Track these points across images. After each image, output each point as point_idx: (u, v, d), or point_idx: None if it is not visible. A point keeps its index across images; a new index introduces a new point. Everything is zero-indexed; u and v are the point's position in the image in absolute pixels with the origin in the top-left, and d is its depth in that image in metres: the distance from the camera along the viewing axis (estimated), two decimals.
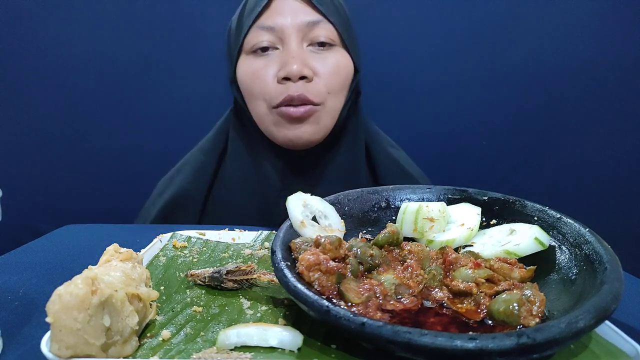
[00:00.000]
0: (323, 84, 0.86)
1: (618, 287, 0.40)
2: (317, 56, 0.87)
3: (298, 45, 0.85)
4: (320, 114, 0.87)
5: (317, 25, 0.86)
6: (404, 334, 0.34)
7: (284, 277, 0.43)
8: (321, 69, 0.86)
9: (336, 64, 0.88)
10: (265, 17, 0.86)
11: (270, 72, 0.85)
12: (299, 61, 0.83)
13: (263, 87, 0.86)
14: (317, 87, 0.86)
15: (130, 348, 0.40)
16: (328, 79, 0.87)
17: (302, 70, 0.83)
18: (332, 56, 0.88)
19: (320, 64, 0.86)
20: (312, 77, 0.85)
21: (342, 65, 0.89)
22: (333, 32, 0.87)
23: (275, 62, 0.86)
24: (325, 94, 0.87)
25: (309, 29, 0.86)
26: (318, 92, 0.86)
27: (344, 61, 0.89)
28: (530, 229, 0.52)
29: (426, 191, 0.63)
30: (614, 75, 1.29)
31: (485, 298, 0.44)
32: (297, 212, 0.54)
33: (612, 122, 1.32)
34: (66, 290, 0.36)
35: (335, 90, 0.88)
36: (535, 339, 0.33)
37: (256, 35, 0.86)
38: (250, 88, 0.88)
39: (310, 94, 0.85)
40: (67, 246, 0.70)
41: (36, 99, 1.32)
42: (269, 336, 0.40)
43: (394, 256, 0.51)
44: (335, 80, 0.88)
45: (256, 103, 0.89)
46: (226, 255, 0.63)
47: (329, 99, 0.88)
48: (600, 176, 1.35)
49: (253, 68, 0.87)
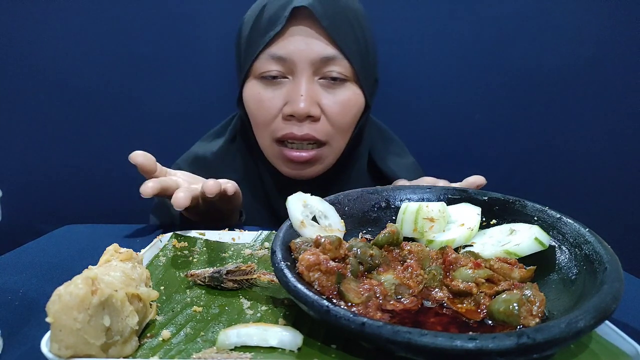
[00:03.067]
0: (330, 123, 0.83)
1: (618, 287, 0.40)
2: (327, 92, 0.82)
3: (308, 80, 0.80)
4: (325, 153, 0.85)
5: (331, 60, 0.80)
6: (404, 334, 0.34)
7: (284, 277, 0.43)
8: (330, 107, 0.82)
9: (347, 102, 0.83)
10: (277, 46, 0.80)
11: (277, 104, 0.82)
12: (307, 100, 0.79)
13: (267, 118, 0.83)
14: (324, 126, 0.82)
15: (130, 348, 0.40)
16: (336, 118, 0.83)
17: (309, 109, 0.79)
18: (343, 93, 0.83)
19: (329, 101, 0.82)
20: (319, 117, 0.81)
21: (352, 103, 0.84)
22: (348, 67, 0.82)
23: (282, 95, 0.82)
24: (332, 133, 0.84)
25: (322, 64, 0.80)
26: (325, 131, 0.83)
27: (354, 99, 0.84)
28: (530, 229, 0.52)
29: (426, 191, 0.63)
30: (614, 75, 1.29)
31: (485, 298, 0.44)
32: (297, 212, 0.54)
33: (613, 122, 1.32)
34: (66, 290, 0.36)
35: (343, 130, 0.85)
36: (535, 339, 0.33)
37: (266, 64, 0.81)
38: (255, 116, 0.85)
39: (317, 132, 0.82)
40: (67, 246, 0.70)
41: (36, 99, 1.32)
42: (269, 336, 0.40)
43: (394, 256, 0.51)
44: (344, 119, 0.84)
45: (260, 132, 0.87)
46: (226, 255, 0.63)
47: (335, 138, 0.85)
48: (600, 176, 1.35)
49: (260, 97, 0.83)
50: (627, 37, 1.27)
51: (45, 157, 1.36)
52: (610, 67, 1.29)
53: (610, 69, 1.29)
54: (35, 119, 1.34)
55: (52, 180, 1.37)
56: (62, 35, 1.29)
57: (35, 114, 1.33)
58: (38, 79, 1.31)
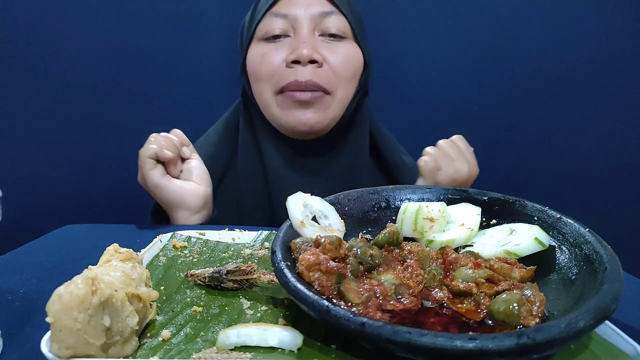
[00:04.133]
0: (333, 71, 0.86)
1: (618, 287, 0.40)
2: (327, 45, 0.87)
3: (310, 33, 0.86)
4: (328, 102, 0.87)
5: (329, 16, 0.87)
6: (404, 334, 0.34)
7: (284, 277, 0.43)
8: (331, 57, 0.86)
9: (347, 53, 0.88)
10: (279, 5, 0.87)
11: (280, 55, 0.86)
12: (309, 46, 0.84)
13: (271, 70, 0.86)
14: (327, 73, 0.86)
15: (130, 348, 0.40)
16: (338, 68, 0.87)
17: (312, 54, 0.83)
18: (342, 47, 0.88)
19: (330, 53, 0.87)
20: (322, 63, 0.85)
21: (352, 56, 0.89)
22: (345, 25, 0.88)
23: (285, 48, 0.86)
24: (335, 81, 0.87)
25: (321, 19, 0.86)
26: (328, 78, 0.86)
27: (354, 52, 0.89)
28: (530, 229, 0.52)
29: (426, 191, 0.63)
30: (615, 75, 1.29)
31: (485, 298, 0.44)
32: (297, 212, 0.54)
33: (613, 122, 1.32)
34: (66, 290, 0.36)
35: (345, 80, 0.88)
36: (535, 339, 0.33)
37: (269, 22, 0.87)
38: (257, 71, 0.88)
39: (320, 79, 0.85)
40: (67, 246, 0.70)
41: (36, 99, 1.32)
42: (269, 336, 0.40)
43: (394, 256, 0.51)
44: (345, 69, 0.88)
45: (262, 87, 0.89)
46: (226, 255, 0.63)
47: (338, 88, 0.88)
48: (600, 176, 1.35)
49: (263, 51, 0.88)
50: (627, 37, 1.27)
51: (45, 157, 1.36)
52: (610, 67, 1.29)
53: (610, 69, 1.29)
54: (36, 118, 1.34)
55: (52, 180, 1.37)
56: (61, 35, 1.29)
57: (36, 113, 1.33)
58: (38, 78, 1.31)
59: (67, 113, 1.34)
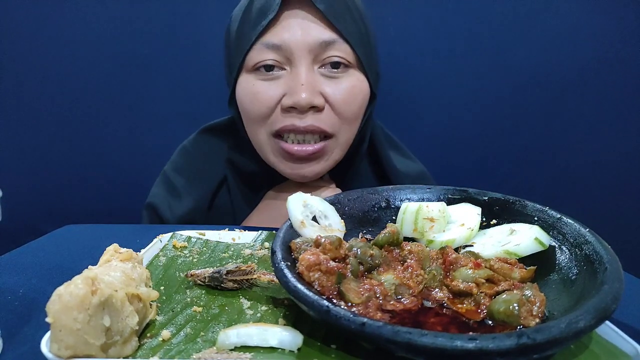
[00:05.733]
0: (336, 112, 0.76)
1: (618, 287, 0.40)
2: (329, 81, 0.75)
3: (308, 69, 0.74)
4: (330, 148, 0.78)
5: (331, 45, 0.74)
6: (404, 334, 0.34)
7: (284, 277, 0.43)
8: (333, 96, 0.75)
9: (351, 89, 0.76)
10: (271, 33, 0.74)
11: (274, 96, 0.74)
12: (308, 89, 0.72)
13: (263, 112, 0.75)
14: (329, 116, 0.75)
15: (130, 348, 0.40)
16: (341, 108, 0.76)
17: (312, 100, 0.72)
18: (346, 80, 0.76)
19: (332, 90, 0.75)
20: (323, 107, 0.74)
21: (357, 90, 0.77)
22: (349, 53, 0.75)
23: (280, 86, 0.75)
24: (338, 124, 0.77)
25: (321, 49, 0.73)
26: (331, 122, 0.76)
27: (359, 86, 0.78)
28: (531, 229, 0.52)
29: (426, 191, 0.63)
30: (615, 76, 1.29)
31: (485, 298, 0.44)
32: (297, 212, 0.54)
33: (613, 122, 1.32)
34: (66, 290, 0.36)
35: (350, 120, 0.78)
36: (536, 339, 0.33)
37: (259, 54, 0.74)
38: (249, 112, 0.77)
39: (322, 123, 0.75)
40: (67, 246, 0.70)
41: (36, 99, 1.32)
42: (269, 336, 0.40)
43: (394, 256, 0.51)
44: (349, 108, 0.77)
45: (255, 129, 0.79)
46: (226, 255, 0.63)
47: (342, 129, 0.78)
48: (600, 176, 1.35)
49: (254, 89, 0.76)
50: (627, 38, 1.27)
51: (45, 157, 1.36)
52: (610, 67, 1.29)
53: (610, 69, 1.29)
54: (36, 119, 1.34)
55: (52, 180, 1.37)
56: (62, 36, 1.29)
57: (36, 114, 1.33)
58: (38, 78, 1.31)
59: (67, 113, 1.34)
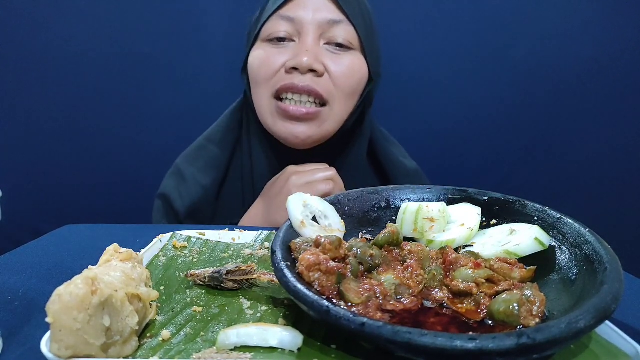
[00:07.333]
0: (334, 82, 0.83)
1: (618, 287, 0.40)
2: (331, 55, 0.84)
3: (314, 41, 0.83)
4: (324, 115, 0.84)
5: (337, 24, 0.84)
6: (404, 334, 0.34)
7: (284, 277, 0.43)
8: (333, 68, 0.83)
9: (350, 66, 0.85)
10: (287, 8, 0.84)
11: (280, 60, 0.83)
12: (311, 54, 0.81)
13: (269, 73, 0.84)
14: (326, 83, 0.83)
15: (130, 348, 0.40)
16: (339, 79, 0.84)
17: (312, 63, 0.80)
18: (347, 58, 0.85)
19: (333, 63, 0.83)
20: (322, 73, 0.82)
21: (356, 68, 0.85)
22: (353, 35, 0.85)
23: (288, 53, 0.84)
24: (334, 92, 0.84)
25: (328, 27, 0.83)
26: (327, 88, 0.83)
27: (359, 65, 0.86)
28: (531, 229, 0.52)
29: (426, 191, 0.63)
30: (615, 75, 1.29)
31: (485, 298, 0.44)
32: (297, 212, 0.54)
33: (613, 122, 1.32)
34: (66, 290, 0.36)
35: (345, 93, 0.85)
36: (536, 339, 0.33)
37: (275, 24, 0.85)
38: (256, 73, 0.86)
39: (319, 87, 0.82)
40: (67, 246, 0.70)
41: (36, 99, 1.32)
42: (269, 336, 0.40)
43: (394, 256, 0.51)
44: (347, 81, 0.84)
45: (259, 90, 0.86)
46: (226, 255, 0.63)
47: (337, 100, 0.84)
48: (600, 176, 1.35)
49: (264, 55, 0.85)
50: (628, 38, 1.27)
51: (45, 157, 1.36)
52: (611, 67, 1.29)
53: (611, 70, 1.29)
54: (36, 119, 1.34)
55: (52, 180, 1.37)
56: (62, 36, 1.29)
57: (36, 113, 1.33)
58: (38, 78, 1.31)
59: (67, 113, 1.34)
